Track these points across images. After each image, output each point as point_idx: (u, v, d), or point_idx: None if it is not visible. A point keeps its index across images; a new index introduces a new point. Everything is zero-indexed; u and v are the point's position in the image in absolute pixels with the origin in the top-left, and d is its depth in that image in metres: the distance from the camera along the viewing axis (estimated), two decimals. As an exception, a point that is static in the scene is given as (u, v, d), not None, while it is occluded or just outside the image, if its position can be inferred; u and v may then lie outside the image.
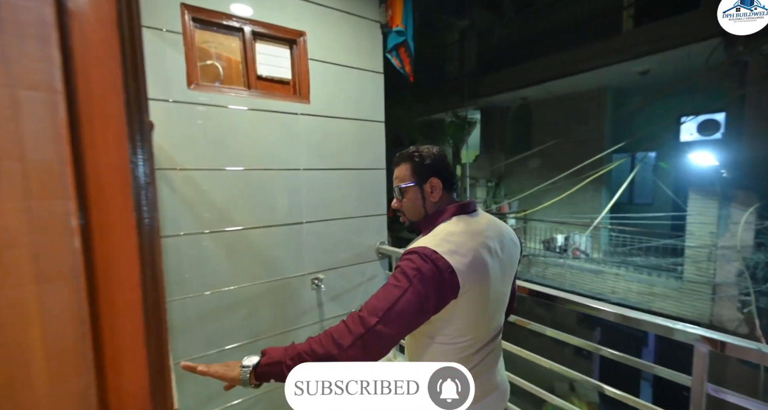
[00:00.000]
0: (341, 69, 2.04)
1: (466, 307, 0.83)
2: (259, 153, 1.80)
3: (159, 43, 1.52)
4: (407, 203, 0.99)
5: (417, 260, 0.79)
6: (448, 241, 0.83)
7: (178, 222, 1.60)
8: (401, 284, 0.78)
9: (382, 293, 0.78)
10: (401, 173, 1.00)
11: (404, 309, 0.76)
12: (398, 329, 0.76)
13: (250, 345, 1.82)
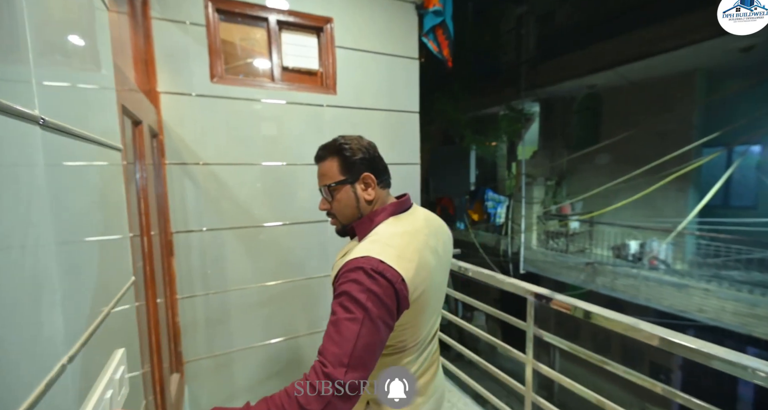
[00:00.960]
0: (371, 56, 1.89)
1: (415, 313, 0.76)
2: (282, 148, 1.72)
3: (182, 36, 1.50)
4: (338, 205, 0.87)
5: (364, 279, 0.68)
6: (391, 245, 0.75)
7: (201, 217, 1.59)
8: (356, 315, 0.67)
9: (338, 334, 0.66)
10: (328, 169, 0.87)
11: (369, 342, 0.66)
12: (370, 364, 0.68)
13: (273, 345, 1.76)
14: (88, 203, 0.61)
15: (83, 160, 0.62)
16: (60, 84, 0.54)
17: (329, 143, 0.89)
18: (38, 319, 0.40)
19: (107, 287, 0.64)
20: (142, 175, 1.11)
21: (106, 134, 0.71)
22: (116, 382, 0.62)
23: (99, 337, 0.58)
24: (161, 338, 1.23)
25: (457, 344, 1.84)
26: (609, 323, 1.04)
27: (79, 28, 0.66)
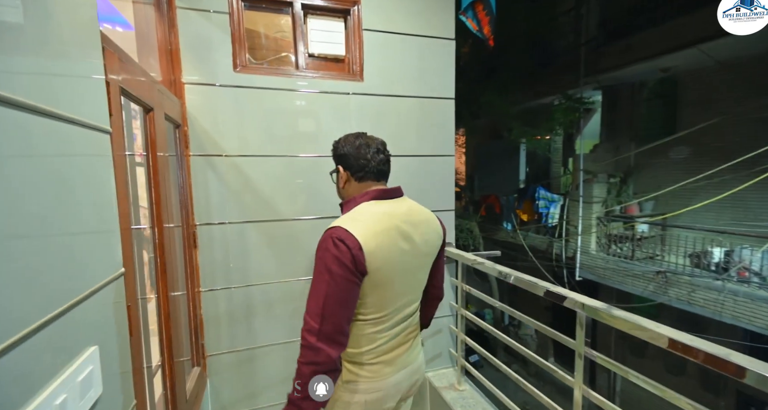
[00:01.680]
0: (401, 38, 1.74)
1: (376, 284, 0.91)
2: (306, 139, 1.65)
3: (206, 25, 1.48)
4: (336, 185, 1.08)
5: (330, 246, 0.87)
6: (359, 220, 0.92)
7: (224, 210, 1.57)
8: (324, 276, 0.87)
9: (314, 292, 0.88)
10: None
11: (338, 297, 0.86)
12: (342, 316, 0.88)
13: (295, 344, 1.70)
14: (52, 187, 0.55)
15: (65, 141, 0.57)
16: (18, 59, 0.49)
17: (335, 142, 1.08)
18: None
19: (72, 280, 0.58)
20: (154, 163, 1.08)
21: (87, 114, 0.66)
22: (77, 385, 0.56)
23: (49, 337, 0.52)
24: (177, 331, 1.21)
25: (482, 349, 1.64)
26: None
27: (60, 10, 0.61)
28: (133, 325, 0.81)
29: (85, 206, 0.64)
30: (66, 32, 0.64)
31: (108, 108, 0.75)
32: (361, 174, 1.02)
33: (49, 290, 0.52)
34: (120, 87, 0.83)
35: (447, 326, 1.96)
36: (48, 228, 0.54)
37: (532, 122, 5.89)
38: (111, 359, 0.69)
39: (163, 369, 1.16)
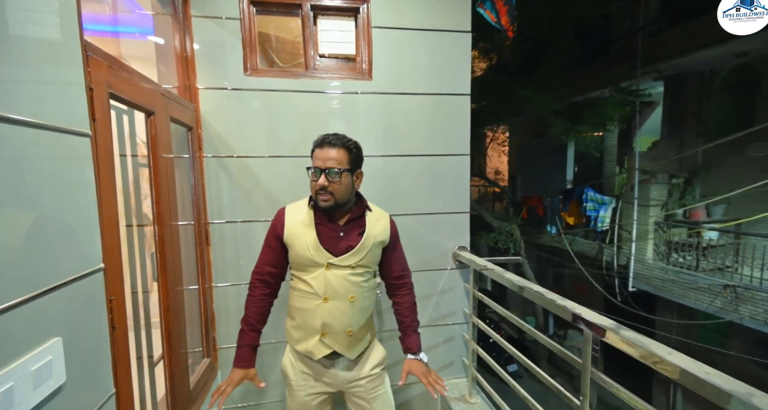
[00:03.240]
0: (413, 34, 1.69)
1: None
2: (313, 139, 1.65)
3: (219, 31, 1.54)
4: (339, 186, 1.13)
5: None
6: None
7: (235, 209, 1.63)
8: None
9: (403, 253, 1.35)
10: (339, 156, 1.14)
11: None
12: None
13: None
14: (21, 192, 0.59)
15: (28, 145, 0.61)
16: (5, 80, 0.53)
17: (342, 136, 1.17)
18: None
19: (34, 274, 0.62)
20: (155, 164, 1.14)
21: (63, 119, 0.70)
22: (30, 374, 0.59)
23: (2, 328, 0.55)
24: (179, 324, 1.27)
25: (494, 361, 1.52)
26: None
27: (27, 20, 0.66)
28: (116, 318, 0.86)
29: (55, 205, 0.68)
30: (45, 44, 0.69)
31: (90, 113, 0.79)
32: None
33: (6, 281, 0.56)
34: (109, 93, 0.89)
35: (460, 333, 1.87)
36: (9, 224, 0.58)
37: (577, 118, 5.44)
38: (81, 350, 0.73)
39: (168, 361, 1.22)
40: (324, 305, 1.18)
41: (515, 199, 8.15)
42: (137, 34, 1.75)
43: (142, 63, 1.74)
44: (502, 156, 9.28)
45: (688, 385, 0.69)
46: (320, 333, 1.19)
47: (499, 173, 9.28)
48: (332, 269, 1.18)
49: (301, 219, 1.19)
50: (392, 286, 1.34)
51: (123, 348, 0.89)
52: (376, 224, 1.24)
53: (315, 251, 1.17)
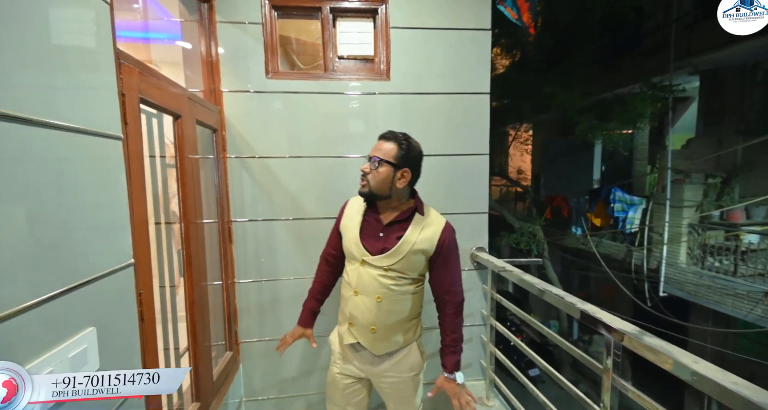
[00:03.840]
0: (432, 33, 1.68)
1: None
2: (331, 140, 1.69)
3: (242, 36, 1.59)
4: (376, 176, 1.17)
5: (456, 238, 1.26)
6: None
7: (256, 208, 1.68)
8: (458, 254, 1.28)
9: (459, 268, 1.28)
10: (386, 148, 1.18)
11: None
12: None
13: (319, 339, 1.75)
14: (62, 191, 0.64)
15: (68, 148, 0.66)
16: (46, 86, 0.59)
17: (400, 133, 1.20)
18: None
19: (71, 268, 0.67)
20: (182, 165, 1.20)
21: (97, 124, 0.75)
22: (67, 360, 0.64)
23: (43, 317, 0.60)
24: (203, 317, 1.33)
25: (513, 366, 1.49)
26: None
27: (67, 30, 0.71)
28: (145, 310, 0.91)
29: (90, 204, 0.73)
30: (82, 52, 0.74)
31: (122, 117, 0.84)
32: (414, 183, 1.23)
33: (47, 274, 0.61)
34: (140, 98, 0.94)
35: (478, 335, 1.85)
36: (50, 221, 0.62)
37: (605, 115, 5.23)
38: (113, 339, 0.77)
39: (192, 353, 1.28)
40: (354, 298, 1.24)
41: (538, 199, 7.94)
42: (166, 40, 1.83)
43: (171, 67, 1.82)
44: (525, 155, 9.06)
45: (715, 396, 0.66)
46: (348, 322, 1.27)
47: (522, 173, 9.06)
48: (366, 267, 1.22)
49: (355, 211, 1.28)
50: (437, 298, 1.29)
51: (151, 339, 0.94)
52: (420, 231, 1.19)
53: (355, 245, 1.23)
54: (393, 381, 1.30)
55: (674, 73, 5.09)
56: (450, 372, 1.25)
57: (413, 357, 1.30)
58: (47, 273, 0.61)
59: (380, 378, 1.30)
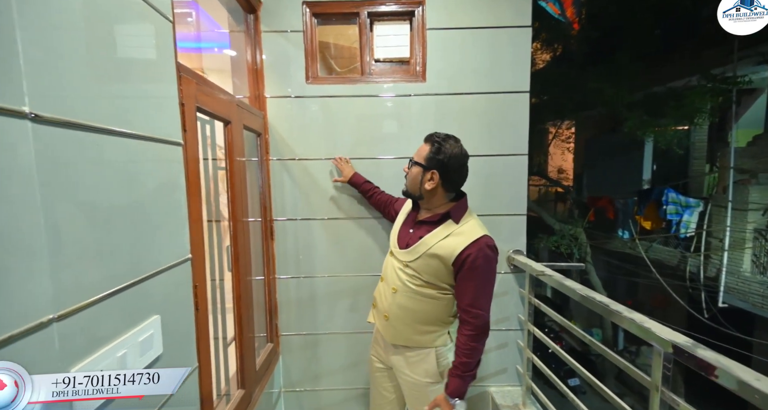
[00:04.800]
0: (469, 33, 1.67)
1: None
2: (366, 142, 1.72)
3: (284, 44, 1.67)
4: (410, 176, 1.22)
5: (492, 253, 1.16)
6: (486, 228, 1.20)
7: (296, 208, 1.75)
8: (492, 276, 1.19)
9: (488, 290, 1.19)
10: (422, 149, 1.20)
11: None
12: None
13: (351, 336, 1.80)
14: (134, 192, 0.72)
15: (140, 154, 0.75)
16: (117, 96, 0.66)
17: (439, 134, 1.20)
18: (6, 282, 0.47)
19: (141, 261, 0.75)
20: (231, 167, 1.28)
21: (162, 131, 0.83)
22: (137, 344, 0.72)
23: (119, 305, 0.68)
24: (248, 310, 1.41)
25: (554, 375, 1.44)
26: None
27: (137, 45, 0.79)
28: (199, 301, 0.99)
29: (156, 204, 0.81)
30: (150, 66, 0.82)
31: (182, 125, 0.93)
32: (451, 187, 1.21)
33: (121, 267, 0.69)
34: (197, 106, 1.02)
35: (514, 340, 1.81)
36: (124, 220, 0.71)
37: (657, 110, 4.86)
38: (173, 327, 0.85)
39: (238, 340, 1.37)
40: (380, 283, 1.36)
41: (581, 200, 7.55)
42: (215, 49, 1.96)
43: (219, 74, 1.95)
44: (566, 153, 8.63)
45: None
46: (373, 303, 1.40)
47: (563, 172, 8.64)
48: (392, 257, 1.31)
49: (409, 206, 1.37)
50: (458, 315, 1.23)
51: (204, 329, 1.02)
52: (445, 238, 1.16)
53: (393, 235, 1.35)
54: (409, 381, 1.31)
55: (739, 63, 4.63)
56: (450, 394, 1.18)
57: (429, 363, 1.27)
58: (122, 266, 0.69)
59: (398, 371, 1.34)
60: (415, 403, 1.33)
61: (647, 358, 6.60)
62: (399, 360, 1.32)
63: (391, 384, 1.41)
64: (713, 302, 4.91)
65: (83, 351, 0.59)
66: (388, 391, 1.42)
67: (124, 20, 0.74)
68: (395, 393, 1.42)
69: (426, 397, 1.28)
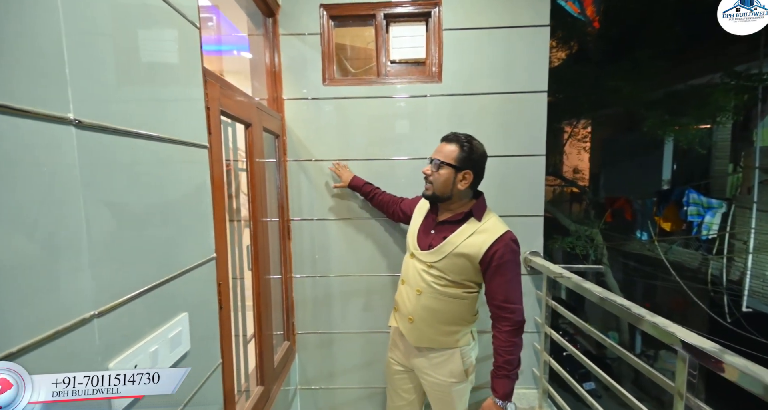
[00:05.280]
0: (485, 33, 1.66)
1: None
2: (382, 143, 1.73)
3: (302, 46, 1.69)
4: (437, 178, 1.20)
5: (516, 248, 1.19)
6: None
7: (312, 208, 1.78)
8: (518, 270, 1.19)
9: (516, 284, 1.18)
10: (447, 150, 1.19)
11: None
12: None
13: (365, 335, 1.82)
14: (164, 194, 0.75)
15: (169, 156, 0.77)
16: (149, 101, 0.69)
17: (462, 134, 1.21)
18: (53, 280, 0.50)
19: (170, 261, 0.77)
20: (251, 169, 1.31)
21: (189, 135, 0.86)
22: (168, 340, 0.75)
23: (151, 302, 0.71)
24: (267, 308, 1.44)
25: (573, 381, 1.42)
26: None
27: (166, 51, 0.82)
28: (222, 299, 1.02)
29: (184, 205, 0.84)
30: (178, 71, 0.85)
31: (207, 128, 0.95)
32: (476, 186, 1.23)
33: (153, 266, 0.72)
34: (220, 110, 1.05)
35: (530, 343, 1.79)
36: (155, 221, 0.73)
37: (678, 108, 4.72)
38: (200, 324, 0.88)
39: (257, 337, 1.40)
40: (401, 286, 1.35)
41: (597, 200, 7.40)
42: (234, 53, 2.00)
43: (238, 76, 1.99)
44: (582, 153, 8.47)
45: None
46: (394, 307, 1.40)
47: (579, 172, 8.49)
48: (413, 259, 1.30)
49: (425, 208, 1.36)
50: (492, 313, 1.22)
51: (227, 326, 1.05)
52: (470, 236, 1.17)
53: (411, 237, 1.33)
54: (432, 382, 1.31)
55: (764, 60, 4.46)
56: (501, 398, 1.16)
57: (454, 363, 1.27)
58: (154, 264, 0.72)
59: (421, 373, 1.34)
60: (439, 404, 1.34)
61: (665, 362, 6.43)
62: (422, 361, 1.32)
63: (411, 386, 1.41)
64: (736, 306, 4.75)
65: (120, 346, 0.62)
66: (407, 393, 1.42)
67: (154, 27, 0.77)
68: (414, 394, 1.42)
69: (450, 397, 1.29)
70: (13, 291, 0.44)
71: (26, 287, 0.46)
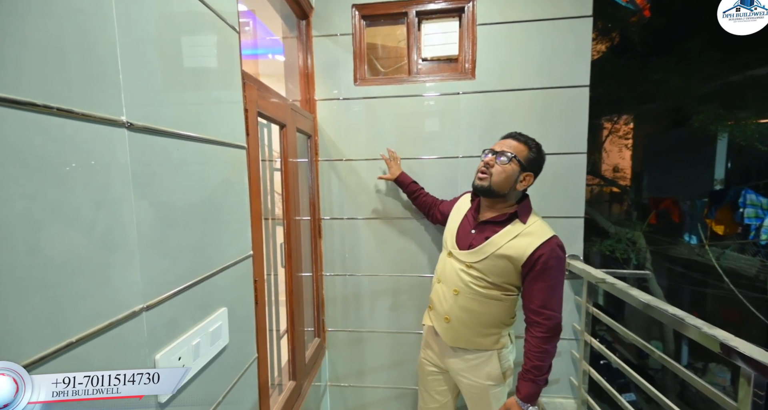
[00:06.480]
0: (521, 26, 1.59)
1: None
2: (412, 142, 1.71)
3: (334, 47, 1.71)
4: (502, 171, 1.15)
5: (562, 254, 1.14)
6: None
7: (342, 207, 1.79)
8: (562, 277, 1.16)
9: (558, 291, 1.15)
10: (517, 148, 1.17)
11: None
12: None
13: (393, 336, 1.81)
14: (206, 193, 0.78)
15: (210, 157, 0.80)
16: (192, 104, 0.72)
17: (531, 138, 1.21)
18: (108, 275, 0.53)
19: (211, 257, 0.80)
20: (285, 168, 1.34)
21: (230, 136, 0.89)
22: (208, 334, 0.77)
23: (194, 297, 0.73)
24: (299, 305, 1.47)
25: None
26: None
27: (208, 55, 0.85)
28: (258, 295, 1.04)
29: (225, 204, 0.86)
30: (220, 76, 0.87)
31: (246, 129, 0.98)
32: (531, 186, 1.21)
33: (196, 262, 0.75)
34: (257, 111, 1.07)
35: (568, 350, 1.71)
36: (200, 219, 0.76)
37: (734, 102, 4.32)
38: (237, 319, 0.91)
39: (289, 333, 1.43)
40: (436, 285, 1.33)
41: (640, 201, 6.96)
42: (269, 56, 2.06)
43: (273, 79, 2.04)
44: (624, 151, 7.98)
45: None
46: (429, 306, 1.38)
47: (619, 171, 8.01)
48: (451, 258, 1.27)
49: (465, 205, 1.34)
50: (526, 317, 1.20)
51: (262, 321, 1.08)
52: (514, 238, 1.14)
53: (450, 236, 1.31)
54: (469, 384, 1.29)
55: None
56: (523, 399, 1.15)
57: (492, 366, 1.26)
58: (197, 261, 0.75)
59: (457, 375, 1.31)
60: (476, 407, 1.31)
61: (716, 376, 5.94)
62: (457, 362, 1.30)
63: (445, 388, 1.39)
64: (802, 318, 4.30)
65: (165, 338, 0.65)
66: (440, 395, 1.40)
67: (196, 32, 0.79)
68: (448, 395, 1.40)
69: (488, 400, 1.27)
70: (73, 285, 0.47)
71: (84, 281, 0.49)
